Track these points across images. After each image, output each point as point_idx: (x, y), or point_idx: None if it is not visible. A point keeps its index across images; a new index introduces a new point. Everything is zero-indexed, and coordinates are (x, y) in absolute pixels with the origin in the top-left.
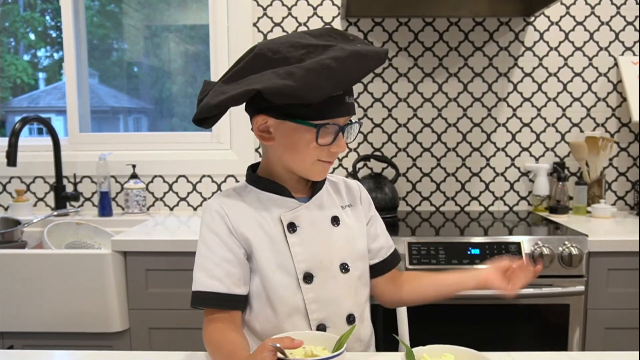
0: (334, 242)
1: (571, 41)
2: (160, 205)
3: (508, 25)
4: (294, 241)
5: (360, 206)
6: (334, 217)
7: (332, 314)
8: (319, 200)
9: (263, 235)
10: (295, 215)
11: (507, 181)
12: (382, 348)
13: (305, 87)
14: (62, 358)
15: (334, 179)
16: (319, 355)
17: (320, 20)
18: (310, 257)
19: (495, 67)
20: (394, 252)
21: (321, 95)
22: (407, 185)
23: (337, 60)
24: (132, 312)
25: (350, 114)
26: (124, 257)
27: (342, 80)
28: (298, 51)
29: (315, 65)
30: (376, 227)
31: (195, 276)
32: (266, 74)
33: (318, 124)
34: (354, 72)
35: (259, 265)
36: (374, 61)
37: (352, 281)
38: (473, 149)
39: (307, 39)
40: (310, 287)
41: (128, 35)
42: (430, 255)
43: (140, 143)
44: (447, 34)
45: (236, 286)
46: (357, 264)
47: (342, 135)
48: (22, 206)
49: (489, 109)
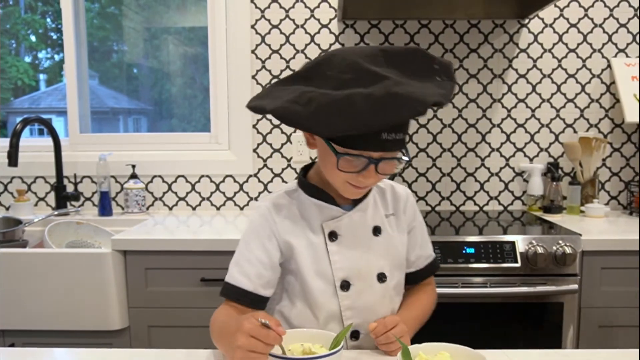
0: (373, 252)
1: (565, 43)
2: (160, 205)
3: (503, 27)
4: (334, 250)
5: (403, 216)
6: (375, 227)
7: (366, 320)
8: (363, 209)
9: (305, 241)
10: (337, 225)
11: (502, 181)
12: None
13: (314, 120)
14: (62, 356)
15: (382, 185)
16: (316, 352)
17: (317, 23)
18: (348, 266)
19: (490, 68)
20: (431, 262)
21: (330, 132)
22: (402, 185)
23: (367, 100)
24: (131, 310)
25: (385, 150)
26: (124, 256)
27: (361, 124)
28: (348, 74)
29: (342, 99)
30: (417, 237)
31: (230, 269)
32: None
33: (340, 153)
34: (381, 118)
35: (299, 269)
36: (406, 111)
37: (387, 290)
38: (468, 150)
39: (371, 61)
40: (347, 294)
41: (128, 37)
42: None
43: (140, 144)
44: (442, 36)
45: (263, 288)
46: (395, 273)
47: (375, 167)
48: (23, 206)
49: (483, 110)
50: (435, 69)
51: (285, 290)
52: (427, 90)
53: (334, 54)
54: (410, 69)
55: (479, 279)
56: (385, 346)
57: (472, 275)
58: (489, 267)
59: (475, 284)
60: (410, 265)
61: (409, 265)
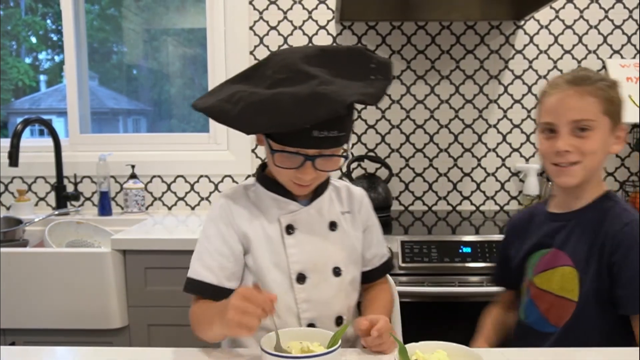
0: (329, 246)
1: (560, 44)
2: (159, 205)
3: (499, 28)
4: (290, 242)
5: (358, 215)
6: (331, 222)
7: (322, 315)
8: (319, 204)
9: (262, 234)
10: (294, 218)
11: (498, 181)
12: None
13: (239, 119)
14: (63, 354)
15: (338, 184)
16: (314, 351)
17: (315, 24)
18: (304, 259)
19: (487, 69)
20: (386, 261)
21: (256, 130)
22: (400, 185)
23: (291, 99)
24: (131, 309)
25: (321, 148)
26: (124, 255)
27: (282, 122)
28: (281, 75)
29: (268, 97)
30: (372, 236)
31: (192, 264)
32: (233, 89)
33: (274, 149)
34: (301, 117)
35: (255, 261)
36: (325, 111)
37: (343, 285)
38: (464, 150)
39: (308, 61)
40: (303, 287)
41: (127, 38)
42: (423, 254)
43: (139, 144)
44: (439, 37)
45: (227, 280)
46: (350, 268)
47: (313, 164)
48: (23, 206)
49: (480, 111)
50: (372, 68)
51: (242, 285)
52: (351, 89)
53: (276, 54)
54: (345, 68)
55: (475, 278)
56: (378, 346)
57: (469, 274)
58: (485, 267)
59: (472, 283)
60: (366, 263)
61: (365, 264)
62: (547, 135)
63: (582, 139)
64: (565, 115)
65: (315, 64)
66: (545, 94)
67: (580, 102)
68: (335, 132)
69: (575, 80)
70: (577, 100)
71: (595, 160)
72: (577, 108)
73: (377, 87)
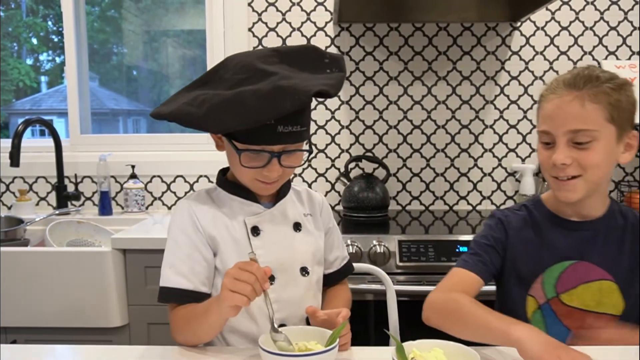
0: (295, 246)
1: (556, 45)
2: (159, 205)
3: (495, 30)
4: (257, 244)
5: (319, 218)
6: (296, 224)
7: (292, 314)
8: (283, 206)
9: (228, 237)
10: (258, 220)
11: (495, 181)
12: (373, 343)
13: (206, 119)
14: (63, 352)
15: (298, 188)
16: (312, 349)
17: (313, 26)
18: (271, 260)
19: (483, 70)
20: (347, 262)
21: (223, 129)
22: (397, 185)
23: (254, 95)
24: (131, 307)
25: (285, 143)
26: (124, 254)
27: (250, 118)
28: (240, 75)
29: (232, 97)
30: (333, 239)
31: (163, 272)
32: (194, 94)
33: (240, 149)
34: (267, 111)
35: (223, 263)
36: (290, 102)
37: (311, 284)
38: (461, 150)
39: (264, 61)
40: (272, 288)
41: (127, 39)
42: (420, 253)
43: (139, 144)
44: (436, 38)
45: (202, 284)
46: (316, 268)
47: (279, 161)
48: (24, 205)
49: (476, 112)
50: (326, 63)
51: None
52: (313, 81)
53: (231, 59)
54: (300, 64)
55: None
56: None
57: None
58: None
59: None
60: (329, 266)
61: (328, 266)
62: (545, 144)
63: (582, 150)
64: (563, 125)
65: (272, 62)
66: (543, 98)
67: (580, 109)
68: (298, 126)
69: (576, 82)
70: (576, 108)
71: (599, 173)
72: (576, 116)
73: (335, 78)
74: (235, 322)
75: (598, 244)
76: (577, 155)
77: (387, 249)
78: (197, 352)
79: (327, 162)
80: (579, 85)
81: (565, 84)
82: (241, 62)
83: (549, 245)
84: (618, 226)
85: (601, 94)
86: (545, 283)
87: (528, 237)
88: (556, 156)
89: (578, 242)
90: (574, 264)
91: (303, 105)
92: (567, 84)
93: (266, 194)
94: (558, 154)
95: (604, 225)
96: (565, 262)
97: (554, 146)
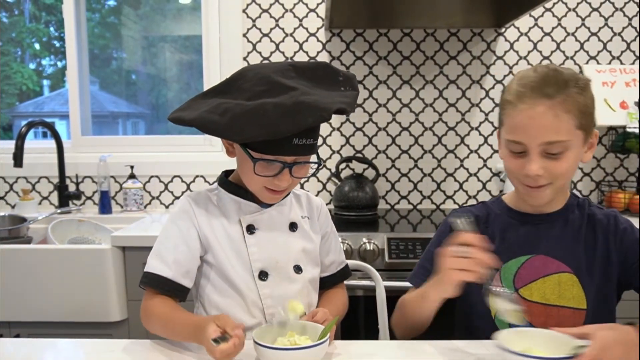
0: (290, 245)
1: (539, 50)
2: (157, 204)
3: (480, 35)
4: (251, 242)
5: (317, 221)
6: (292, 223)
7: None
8: (280, 207)
9: (223, 234)
10: (254, 219)
11: (480, 181)
12: (363, 337)
13: (229, 128)
14: (65, 346)
15: (298, 192)
16: (301, 344)
17: (305, 32)
18: (266, 257)
19: (469, 74)
20: (344, 267)
21: (245, 139)
22: (386, 184)
23: (277, 108)
24: (130, 302)
25: (298, 155)
26: (123, 251)
27: (272, 130)
28: (260, 87)
29: (254, 108)
30: (330, 243)
31: (148, 260)
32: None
33: (255, 158)
34: (289, 125)
35: (216, 258)
36: (312, 118)
37: (305, 283)
38: (448, 151)
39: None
40: (265, 284)
41: (127, 45)
42: (408, 250)
43: (138, 145)
44: (423, 44)
45: (182, 277)
46: (310, 267)
47: (290, 171)
48: (27, 204)
49: (462, 114)
50: (340, 81)
51: (210, 283)
52: (331, 98)
53: (248, 69)
54: (317, 81)
55: None
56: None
57: None
58: None
59: None
60: (325, 269)
61: (324, 270)
62: (515, 152)
63: (554, 160)
64: (537, 137)
65: (289, 77)
66: (510, 105)
67: (554, 120)
68: (312, 139)
69: (546, 88)
70: (550, 119)
71: (567, 178)
72: (550, 128)
73: (350, 96)
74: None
75: (554, 237)
76: (549, 164)
77: (376, 246)
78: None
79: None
80: (550, 93)
81: (534, 90)
82: (259, 74)
83: (505, 241)
84: (575, 217)
85: (571, 100)
86: (503, 279)
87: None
88: (530, 167)
89: (534, 236)
90: (530, 258)
91: (324, 121)
92: (536, 90)
93: (271, 202)
94: (532, 165)
95: (560, 218)
96: (522, 257)
97: (525, 155)
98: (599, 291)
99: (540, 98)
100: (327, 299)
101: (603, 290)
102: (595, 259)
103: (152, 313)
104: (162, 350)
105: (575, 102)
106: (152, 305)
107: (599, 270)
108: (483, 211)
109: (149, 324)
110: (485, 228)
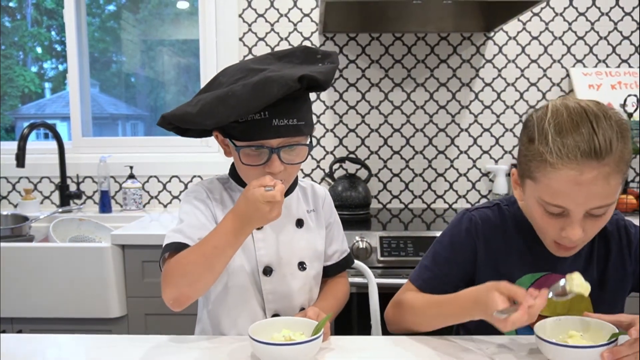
0: (296, 242)
1: (527, 54)
2: (155, 203)
3: (470, 39)
4: (259, 237)
5: (322, 211)
6: (299, 220)
7: (286, 306)
8: (288, 202)
9: None
10: None
11: (470, 181)
12: (356, 332)
13: (201, 114)
14: (65, 341)
15: (304, 184)
16: (296, 340)
17: (300, 36)
18: (271, 253)
19: (459, 77)
20: (346, 256)
21: (217, 122)
22: (378, 184)
23: (245, 87)
24: (129, 299)
25: (281, 136)
26: (122, 250)
27: (242, 109)
28: (236, 76)
29: (223, 91)
30: (333, 232)
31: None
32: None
33: (239, 146)
34: (256, 99)
35: None
36: (277, 87)
37: (308, 279)
38: (438, 152)
39: (259, 62)
40: (269, 279)
41: (126, 48)
42: (400, 248)
43: (137, 146)
44: (415, 47)
45: None
46: (314, 264)
47: (278, 156)
48: (29, 204)
49: (452, 116)
50: (318, 58)
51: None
52: (300, 70)
53: (230, 66)
54: (294, 62)
55: None
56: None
57: None
58: None
59: None
60: (327, 258)
61: (326, 259)
62: (553, 214)
63: (596, 219)
64: (585, 204)
65: (266, 63)
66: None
67: (604, 186)
68: (294, 120)
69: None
70: (600, 186)
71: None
72: (601, 194)
73: (325, 69)
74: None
75: (570, 257)
76: (589, 224)
77: (369, 244)
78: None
79: (312, 163)
80: (600, 155)
81: (582, 153)
82: (238, 66)
83: (520, 256)
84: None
85: (620, 158)
86: None
87: (499, 249)
88: (573, 232)
89: (549, 255)
90: (545, 275)
91: (290, 89)
92: (584, 153)
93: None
94: (576, 230)
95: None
96: (536, 274)
97: (565, 219)
98: (609, 303)
99: (589, 161)
100: (329, 289)
101: (614, 301)
102: (607, 272)
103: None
104: (160, 345)
105: (623, 158)
106: (179, 255)
107: (612, 284)
108: (498, 215)
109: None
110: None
